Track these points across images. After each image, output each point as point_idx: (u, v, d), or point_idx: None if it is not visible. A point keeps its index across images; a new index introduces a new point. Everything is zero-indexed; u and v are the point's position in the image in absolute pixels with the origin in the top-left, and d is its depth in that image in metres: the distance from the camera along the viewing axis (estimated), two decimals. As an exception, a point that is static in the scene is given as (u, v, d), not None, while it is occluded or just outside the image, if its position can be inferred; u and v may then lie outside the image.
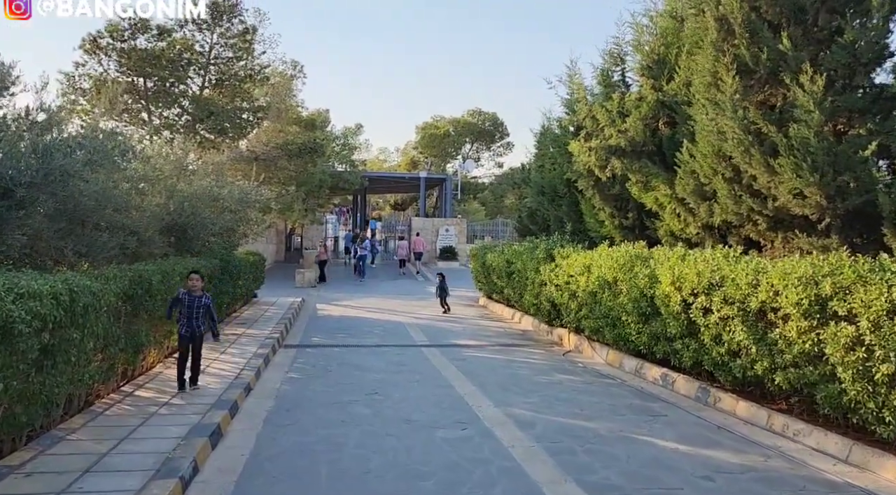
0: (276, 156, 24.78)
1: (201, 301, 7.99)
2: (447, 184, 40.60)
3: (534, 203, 14.19)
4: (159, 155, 11.54)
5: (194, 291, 7.94)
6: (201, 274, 8.19)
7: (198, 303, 7.94)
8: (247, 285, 16.23)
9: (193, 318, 7.90)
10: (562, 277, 12.12)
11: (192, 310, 7.89)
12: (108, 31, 19.30)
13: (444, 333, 14.10)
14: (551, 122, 13.77)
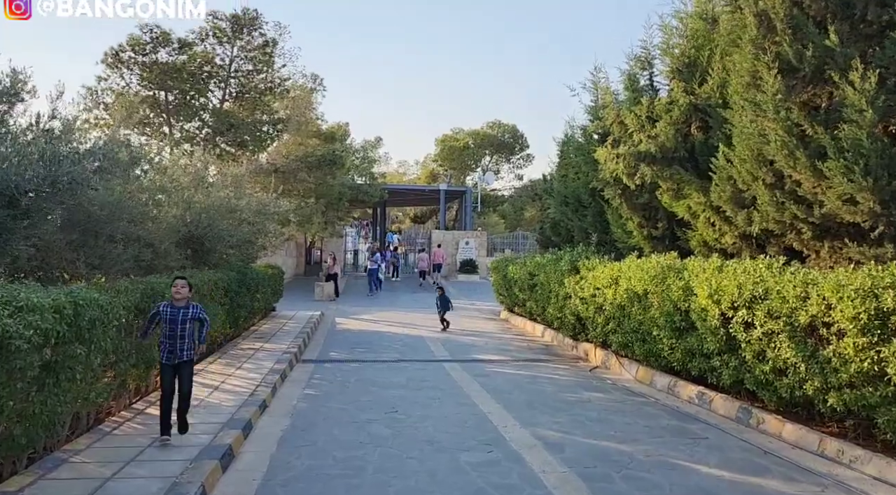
0: (296, 168, 24.65)
1: (189, 314, 6.29)
2: (467, 196, 40.29)
3: (557, 213, 13.76)
4: (176, 165, 11.33)
5: (179, 302, 6.27)
6: (189, 280, 6.50)
7: (184, 317, 6.23)
8: (265, 298, 15.98)
9: (179, 338, 6.17)
10: (587, 290, 11.67)
11: (178, 328, 6.18)
12: (129, 45, 19.35)
13: (466, 348, 13.69)
14: (574, 130, 13.43)
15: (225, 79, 22.37)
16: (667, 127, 9.14)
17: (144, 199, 10.35)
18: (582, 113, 13.49)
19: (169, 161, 11.79)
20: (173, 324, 6.20)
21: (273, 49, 23.34)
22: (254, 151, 23.73)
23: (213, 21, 21.67)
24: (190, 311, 6.34)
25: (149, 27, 19.33)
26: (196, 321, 6.41)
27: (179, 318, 6.24)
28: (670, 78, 9.71)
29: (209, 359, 10.81)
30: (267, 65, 22.74)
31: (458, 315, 20.22)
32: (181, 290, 6.31)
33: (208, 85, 21.91)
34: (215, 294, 10.68)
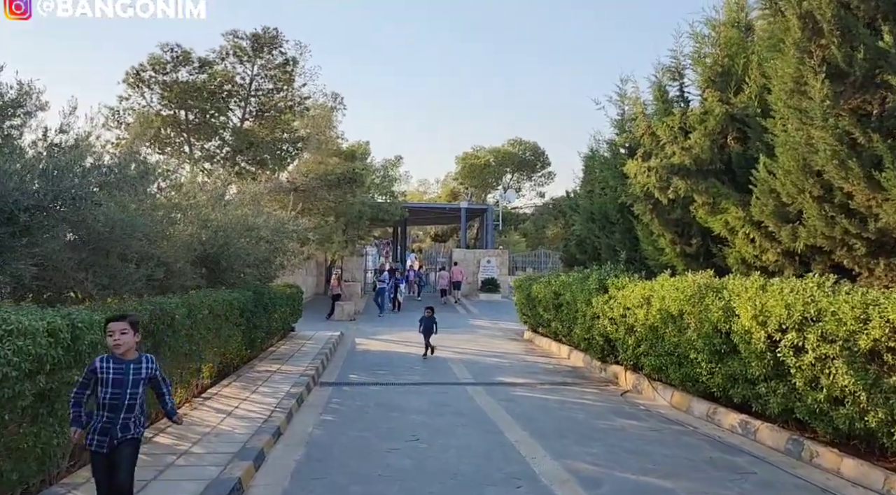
0: (316, 186, 24.48)
1: (141, 371, 4.24)
2: (488, 214, 39.92)
3: (583, 231, 13.28)
4: (192, 182, 11.08)
5: (123, 353, 4.20)
6: (134, 320, 4.32)
7: (135, 377, 4.20)
8: (283, 318, 15.64)
9: (124, 410, 4.14)
10: (617, 310, 11.14)
11: (124, 394, 4.14)
12: (150, 64, 19.39)
13: (489, 370, 13.19)
14: (600, 145, 13.00)
15: (245, 97, 22.35)
16: (701, 138, 8.66)
17: (159, 217, 10.09)
18: (608, 126, 12.99)
19: (186, 178, 11.55)
20: (118, 388, 4.10)
21: (293, 68, 23.31)
22: (273, 170, 23.63)
23: (233, 40, 21.72)
24: (143, 367, 4.25)
25: (169, 46, 19.39)
26: (153, 381, 4.35)
27: (128, 379, 4.14)
28: (703, 87, 9.26)
29: (224, 382, 10.45)
30: (287, 83, 22.69)
31: (481, 335, 19.75)
32: (121, 338, 4.16)
33: (228, 103, 21.90)
34: (230, 314, 10.35)
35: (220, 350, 10.23)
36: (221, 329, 9.94)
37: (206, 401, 9.01)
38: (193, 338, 8.18)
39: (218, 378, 10.65)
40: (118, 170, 6.57)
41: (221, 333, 9.99)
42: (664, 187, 9.36)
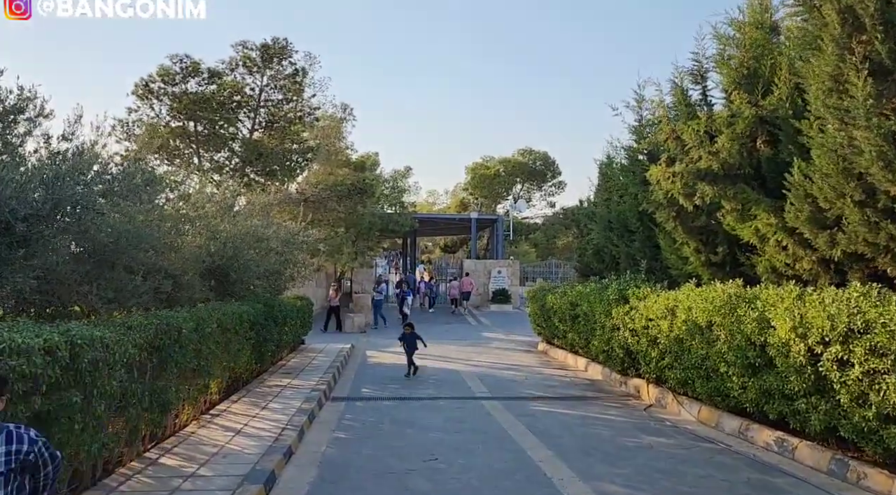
0: (326, 197, 24.24)
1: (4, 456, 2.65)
2: (498, 224, 39.56)
3: (600, 239, 12.89)
4: (200, 193, 10.81)
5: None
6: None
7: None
8: (293, 331, 15.32)
9: None
10: (639, 321, 10.75)
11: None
12: (159, 76, 19.25)
13: (506, 383, 12.79)
14: (617, 151, 12.66)
15: (255, 108, 22.17)
16: (729, 142, 8.29)
17: (167, 228, 9.82)
18: (624, 133, 12.64)
19: (194, 188, 11.29)
20: None
21: (303, 79, 23.14)
22: (283, 181, 23.41)
23: (242, 51, 21.57)
24: (14, 452, 2.70)
25: (178, 57, 19.25)
26: (26, 471, 2.74)
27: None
28: (729, 90, 8.90)
29: (233, 398, 10.12)
30: (296, 94, 22.51)
31: (494, 347, 19.35)
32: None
33: (238, 114, 21.72)
34: (240, 328, 10.03)
35: (229, 364, 9.91)
36: (231, 343, 9.63)
37: (214, 419, 8.68)
38: (201, 353, 7.86)
39: (227, 393, 10.33)
40: (123, 179, 6.27)
41: (231, 347, 9.67)
42: (689, 194, 8.98)
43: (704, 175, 8.48)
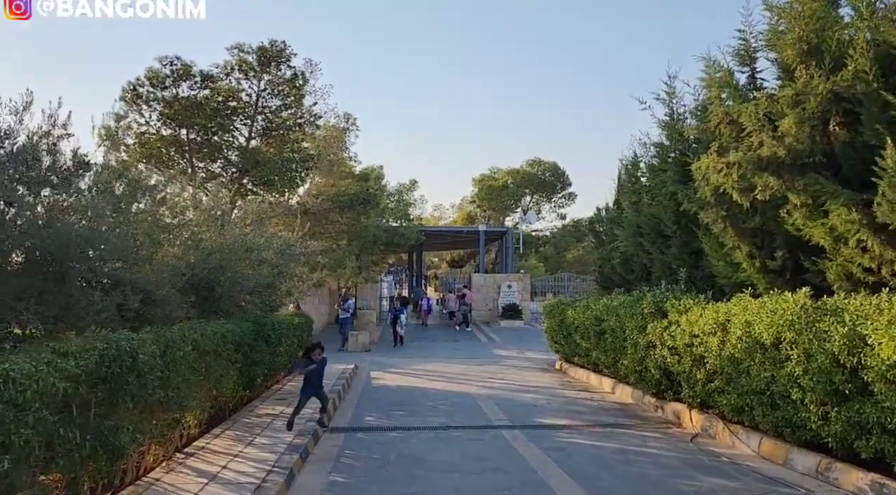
0: (327, 208, 22.97)
1: None
2: (508, 237, 38.21)
3: (629, 247, 11.55)
4: (178, 196, 9.54)
5: None
6: None
7: None
8: (290, 351, 13.96)
9: None
10: (680, 338, 9.38)
11: None
12: (148, 79, 18.10)
13: (526, 409, 11.42)
14: (648, 149, 11.35)
15: (251, 115, 21.00)
16: (796, 124, 6.98)
17: (140, 233, 8.54)
18: (654, 128, 11.32)
19: (175, 193, 10.01)
20: None
21: (303, 84, 22.01)
22: (282, 192, 22.18)
23: (238, 54, 20.44)
24: None
25: (168, 59, 18.11)
26: None
27: None
28: (793, 65, 7.58)
29: (215, 431, 8.78)
30: (296, 99, 21.35)
31: (507, 366, 17.97)
32: None
33: (233, 121, 20.54)
34: (223, 350, 8.71)
35: (210, 393, 8.58)
36: (211, 368, 8.31)
37: (188, 458, 7.33)
38: (170, 381, 6.54)
39: (210, 425, 9.00)
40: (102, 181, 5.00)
41: (211, 373, 8.35)
42: (745, 188, 7.65)
43: (767, 164, 7.16)
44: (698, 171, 8.26)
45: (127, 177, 7.99)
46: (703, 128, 8.43)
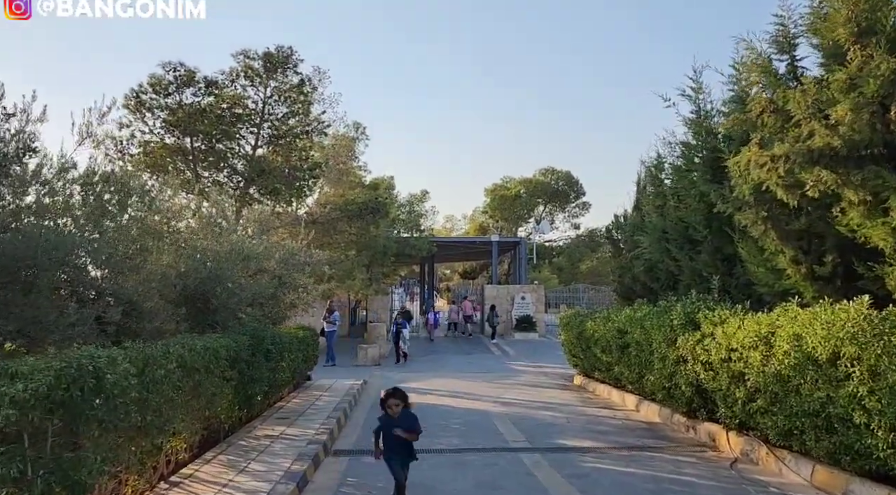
0: (336, 218, 22.33)
1: None
2: (521, 247, 37.40)
3: (654, 253, 10.74)
4: (169, 200, 8.87)
5: None
6: None
7: None
8: (294, 367, 13.24)
9: None
10: (715, 352, 8.54)
11: None
12: (151, 85, 17.60)
13: (545, 428, 10.60)
14: (674, 148, 10.57)
15: (258, 123, 20.46)
16: (853, 111, 6.18)
17: (126, 241, 7.87)
18: (679, 127, 10.54)
19: (163, 197, 9.34)
20: None
21: (311, 92, 21.48)
22: (289, 201, 21.58)
23: (244, 60, 19.97)
24: None
25: (172, 65, 17.62)
26: None
27: None
28: (846, 45, 6.78)
29: (207, 456, 8.03)
30: (303, 105, 20.79)
31: (523, 381, 17.15)
32: None
33: (239, 129, 19.99)
34: (216, 367, 7.98)
35: (201, 414, 7.85)
36: (202, 386, 7.58)
37: (171, 489, 6.59)
38: (148, 404, 5.81)
39: (202, 449, 8.25)
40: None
41: (202, 392, 7.62)
42: (791, 185, 6.84)
43: (819, 157, 6.35)
44: (736, 168, 7.46)
45: (113, 180, 7.33)
46: (743, 120, 7.63)
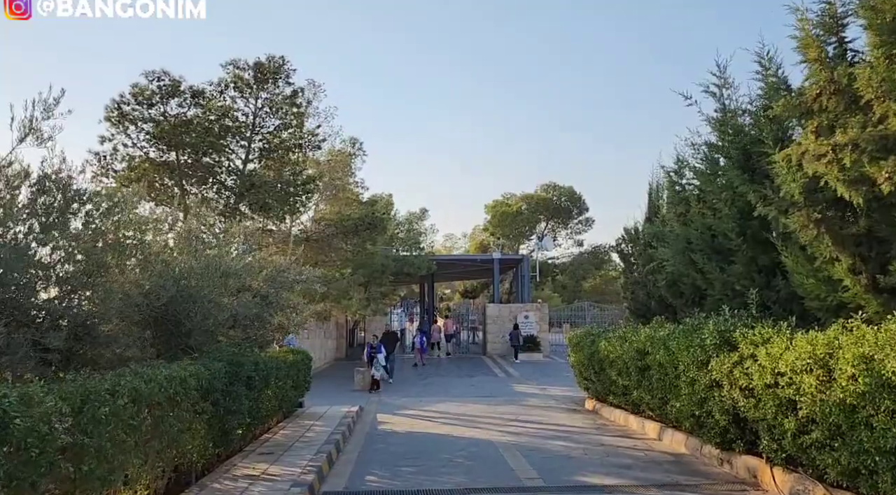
0: (331, 234, 21.27)
1: None
2: (524, 264, 36.29)
3: (677, 265, 9.70)
4: (128, 205, 7.80)
5: None
6: None
7: None
8: (283, 395, 12.11)
9: None
10: (759, 376, 7.45)
11: None
12: (133, 96, 16.63)
13: (559, 462, 9.47)
14: (698, 150, 9.56)
15: (248, 137, 19.48)
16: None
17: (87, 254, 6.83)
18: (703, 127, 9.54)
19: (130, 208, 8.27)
20: None
21: (306, 106, 20.59)
22: (281, 217, 20.54)
23: (233, 70, 19.04)
24: None
25: (155, 75, 16.68)
26: None
27: None
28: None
29: (172, 504, 6.90)
30: (296, 117, 19.85)
31: (531, 405, 16.00)
32: None
33: (228, 142, 19.00)
34: (183, 399, 6.88)
35: (166, 454, 6.73)
36: (165, 423, 6.47)
37: (121, 552, 5.46)
38: (84, 450, 4.71)
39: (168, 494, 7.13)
40: None
41: (166, 430, 6.51)
42: (856, 179, 5.82)
43: (894, 144, 5.34)
44: (784, 163, 6.43)
45: (57, 182, 6.30)
46: (795, 105, 6.62)
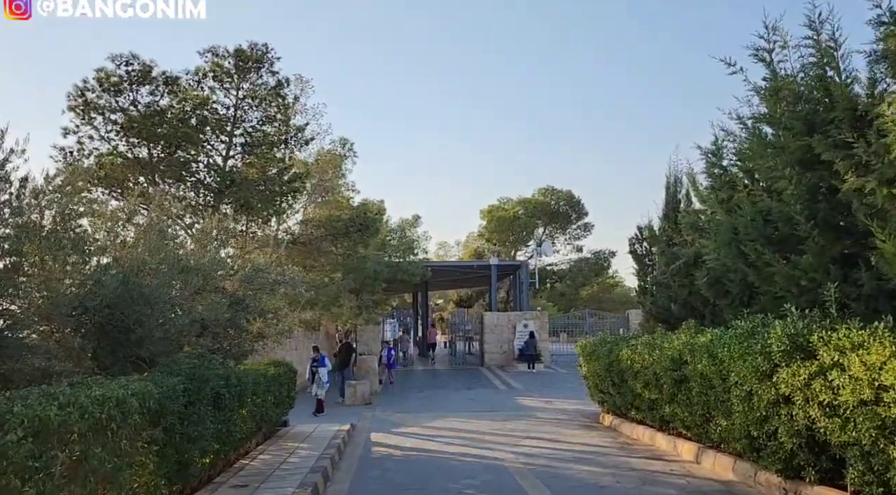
0: (320, 237, 19.70)
1: None
2: (522, 271, 34.81)
3: (724, 259, 8.24)
4: (72, 189, 6.23)
5: None
6: None
7: None
8: (262, 413, 10.51)
9: None
10: (850, 390, 5.96)
11: None
12: (97, 81, 15.04)
13: (587, 491, 7.96)
14: (746, 124, 8.12)
15: (229, 131, 17.94)
16: None
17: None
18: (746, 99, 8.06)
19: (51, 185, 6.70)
20: None
21: (293, 101, 19.09)
22: (266, 217, 18.98)
23: (212, 58, 17.52)
24: None
25: (123, 58, 15.11)
26: None
27: None
28: None
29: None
30: (280, 110, 18.32)
31: (540, 420, 14.45)
32: None
33: (206, 136, 17.44)
34: (122, 428, 5.29)
35: (96, 499, 5.13)
36: (90, 461, 4.87)
37: None
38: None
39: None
40: None
41: (91, 469, 4.91)
42: None
43: None
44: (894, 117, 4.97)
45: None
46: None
